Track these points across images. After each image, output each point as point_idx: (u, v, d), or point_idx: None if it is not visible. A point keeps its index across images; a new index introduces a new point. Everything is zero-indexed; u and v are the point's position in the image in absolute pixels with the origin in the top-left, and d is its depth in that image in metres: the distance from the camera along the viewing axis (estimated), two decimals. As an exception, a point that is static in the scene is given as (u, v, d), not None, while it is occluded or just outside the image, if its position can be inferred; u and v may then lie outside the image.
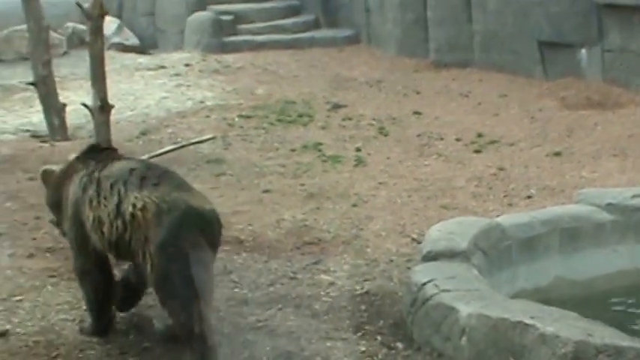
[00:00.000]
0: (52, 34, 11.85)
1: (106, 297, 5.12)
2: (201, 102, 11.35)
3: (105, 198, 4.77)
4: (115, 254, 4.93)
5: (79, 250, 5.06)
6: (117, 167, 4.88)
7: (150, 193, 4.60)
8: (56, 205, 5.28)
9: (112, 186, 4.76)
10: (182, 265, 4.47)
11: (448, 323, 4.77)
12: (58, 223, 5.43)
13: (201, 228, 4.59)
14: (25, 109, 11.14)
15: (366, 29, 14.98)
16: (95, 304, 5.12)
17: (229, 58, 14.06)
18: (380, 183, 8.20)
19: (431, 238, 5.68)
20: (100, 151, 5.30)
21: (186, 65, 13.56)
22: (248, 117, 10.50)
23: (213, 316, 4.86)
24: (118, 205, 4.68)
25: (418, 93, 11.89)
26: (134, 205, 4.61)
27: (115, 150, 5.44)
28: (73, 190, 5.01)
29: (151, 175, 4.76)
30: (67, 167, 5.23)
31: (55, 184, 5.30)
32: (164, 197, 4.58)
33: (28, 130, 10.21)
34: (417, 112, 10.77)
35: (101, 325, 5.11)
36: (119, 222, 4.67)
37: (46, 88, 9.82)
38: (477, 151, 9.19)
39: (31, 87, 10.12)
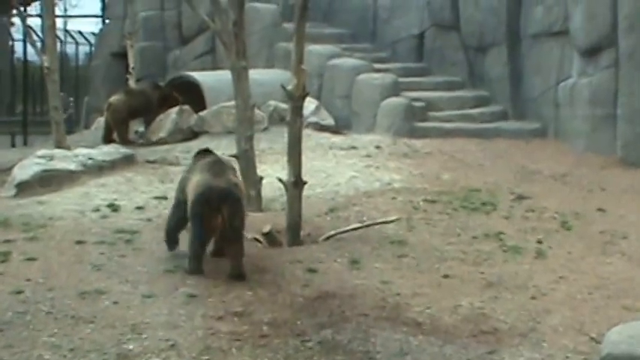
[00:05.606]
0: (256, 111, 12.24)
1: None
2: (389, 184, 11.40)
3: (192, 175, 7.89)
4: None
5: (175, 203, 8.15)
6: (202, 161, 8.00)
7: (200, 176, 7.67)
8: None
9: (194, 170, 7.95)
10: (195, 215, 7.54)
11: None
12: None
13: (210, 198, 7.44)
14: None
15: (554, 123, 14.72)
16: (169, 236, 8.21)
17: (418, 143, 14.10)
18: (560, 277, 7.95)
19: (610, 339, 5.44)
20: (203, 152, 8.38)
21: (377, 147, 13.69)
22: (433, 201, 10.44)
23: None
24: (193, 180, 7.76)
25: (603, 190, 11.54)
26: (195, 181, 7.70)
27: (210, 152, 8.36)
28: (185, 173, 8.23)
29: (211, 167, 7.79)
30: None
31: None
32: (203, 179, 7.61)
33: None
34: (601, 209, 10.43)
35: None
36: (190, 187, 7.74)
37: (246, 161, 10.13)
38: (662, 253, 8.77)
39: (233, 159, 10.44)
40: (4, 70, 30.68)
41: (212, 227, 7.54)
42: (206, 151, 8.45)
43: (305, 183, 9.04)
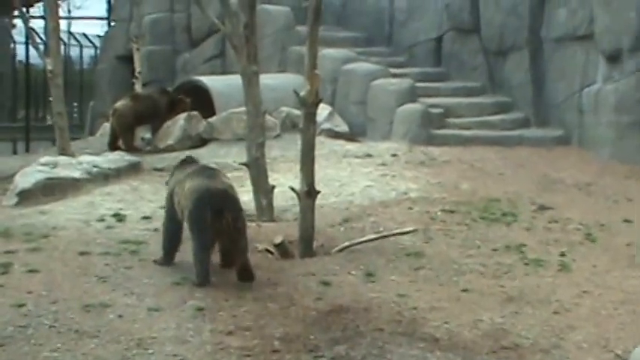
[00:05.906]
0: (267, 117, 12.28)
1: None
2: (405, 193, 11.39)
3: (182, 184, 7.85)
4: (181, 217, 7.85)
5: (167, 218, 8.16)
6: (190, 169, 8.10)
7: (193, 182, 7.71)
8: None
9: (184, 179, 7.89)
10: (196, 222, 7.53)
11: None
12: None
13: (211, 201, 7.50)
14: (236, 188, 11.53)
15: (578, 130, 14.71)
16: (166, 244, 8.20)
17: (436, 151, 14.10)
18: (584, 291, 7.93)
19: (636, 357, 5.43)
20: (188, 161, 8.55)
21: (393, 155, 13.69)
22: (451, 212, 10.43)
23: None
24: (185, 187, 7.77)
25: (630, 200, 11.50)
26: (188, 188, 7.70)
27: (196, 160, 8.64)
28: (172, 182, 8.20)
29: (202, 172, 7.96)
30: (173, 170, 8.57)
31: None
32: (198, 184, 7.66)
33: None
34: (627, 220, 10.40)
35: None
36: (183, 196, 7.74)
37: (257, 170, 10.15)
38: (691, 267, 8.75)
39: (244, 167, 10.48)
40: (5, 74, 30.84)
41: (215, 232, 7.52)
42: (186, 160, 8.58)
43: (318, 192, 9.05)
